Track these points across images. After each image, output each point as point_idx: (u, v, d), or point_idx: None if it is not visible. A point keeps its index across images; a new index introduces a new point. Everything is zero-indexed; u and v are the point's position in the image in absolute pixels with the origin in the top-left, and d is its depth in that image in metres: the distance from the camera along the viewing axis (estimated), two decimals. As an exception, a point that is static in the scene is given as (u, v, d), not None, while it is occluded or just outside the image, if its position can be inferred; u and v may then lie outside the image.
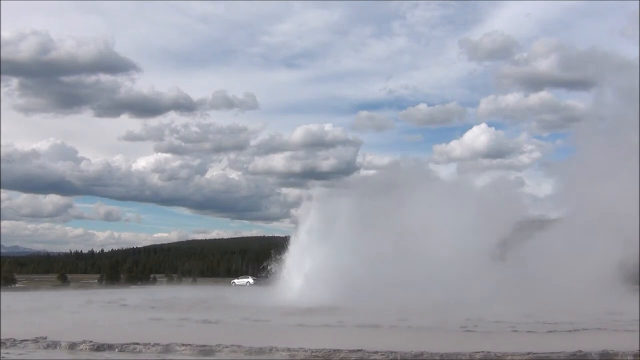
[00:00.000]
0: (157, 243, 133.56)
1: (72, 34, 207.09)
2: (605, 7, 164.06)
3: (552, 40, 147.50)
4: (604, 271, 22.48)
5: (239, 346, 11.58)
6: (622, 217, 23.02)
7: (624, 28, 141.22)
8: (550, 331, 14.27)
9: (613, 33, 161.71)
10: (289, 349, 11.19)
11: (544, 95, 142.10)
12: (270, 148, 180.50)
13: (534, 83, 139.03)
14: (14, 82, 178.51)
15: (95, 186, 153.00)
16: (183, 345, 11.76)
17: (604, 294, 21.57)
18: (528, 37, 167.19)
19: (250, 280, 58.42)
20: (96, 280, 66.71)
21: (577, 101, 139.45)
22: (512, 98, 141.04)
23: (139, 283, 61.33)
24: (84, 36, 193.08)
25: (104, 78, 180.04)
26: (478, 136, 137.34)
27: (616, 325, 15.01)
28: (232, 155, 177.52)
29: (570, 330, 14.31)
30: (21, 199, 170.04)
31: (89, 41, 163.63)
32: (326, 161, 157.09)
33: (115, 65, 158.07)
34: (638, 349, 10.99)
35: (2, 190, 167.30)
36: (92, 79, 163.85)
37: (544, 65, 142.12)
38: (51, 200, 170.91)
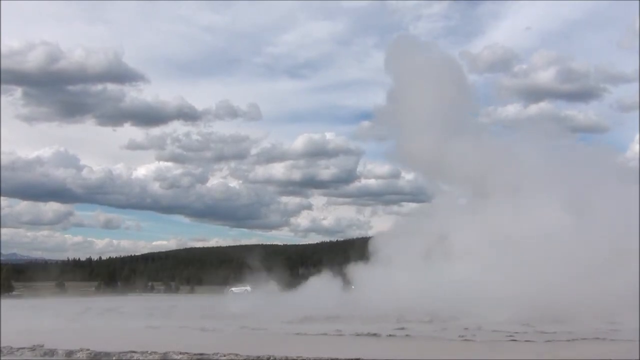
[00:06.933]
0: (155, 251, 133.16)
1: (78, 44, 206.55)
2: (605, 20, 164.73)
3: (551, 52, 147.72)
4: None
5: (237, 354, 11.53)
6: None
7: (621, 41, 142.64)
8: (548, 340, 14.23)
9: (611, 45, 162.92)
10: (287, 358, 11.15)
11: (543, 106, 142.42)
12: (271, 157, 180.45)
13: (534, 94, 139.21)
14: (18, 91, 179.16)
15: (96, 194, 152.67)
16: (180, 353, 11.71)
17: None
18: (528, 49, 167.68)
19: (248, 288, 58.31)
20: (94, 288, 66.61)
21: (577, 112, 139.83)
22: (512, 109, 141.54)
23: (137, 291, 61.21)
24: (93, 46, 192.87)
25: (110, 87, 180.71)
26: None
27: (615, 335, 14.97)
28: (233, 164, 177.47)
29: (568, 340, 14.27)
30: (21, 206, 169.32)
31: (99, 51, 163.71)
32: (327, 170, 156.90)
33: (123, 75, 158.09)
34: (638, 358, 10.97)
35: (3, 197, 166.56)
36: (98, 87, 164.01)
37: (544, 77, 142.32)
38: (51, 207, 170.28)
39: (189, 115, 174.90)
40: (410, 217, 31.57)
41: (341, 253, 59.41)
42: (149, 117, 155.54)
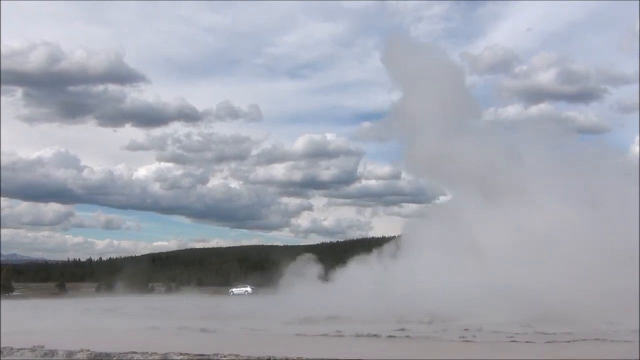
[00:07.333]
0: (156, 252, 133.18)
1: (79, 44, 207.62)
2: (605, 21, 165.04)
3: (551, 53, 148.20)
4: None
5: (237, 355, 11.54)
6: None
7: (621, 42, 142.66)
8: (549, 341, 14.24)
9: (611, 47, 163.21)
10: (287, 358, 11.16)
11: (544, 107, 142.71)
12: (272, 158, 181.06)
13: (534, 95, 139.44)
14: (19, 92, 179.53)
15: (97, 195, 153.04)
16: (181, 354, 11.71)
17: None
18: (528, 50, 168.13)
19: (249, 289, 58.41)
20: (94, 289, 66.59)
21: (577, 113, 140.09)
22: (513, 110, 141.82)
23: (137, 292, 61.14)
24: (94, 47, 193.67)
25: (111, 88, 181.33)
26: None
27: (615, 336, 14.97)
28: (233, 165, 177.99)
29: (569, 341, 14.28)
30: (22, 207, 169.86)
31: (100, 52, 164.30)
32: (327, 171, 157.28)
33: (124, 76, 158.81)
34: (638, 359, 10.98)
35: (3, 198, 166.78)
36: (99, 88, 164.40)
37: (544, 78, 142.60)
38: (52, 208, 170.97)
39: (189, 116, 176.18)
40: (439, 215, 30.68)
41: (342, 254, 59.37)
42: (149, 117, 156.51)
